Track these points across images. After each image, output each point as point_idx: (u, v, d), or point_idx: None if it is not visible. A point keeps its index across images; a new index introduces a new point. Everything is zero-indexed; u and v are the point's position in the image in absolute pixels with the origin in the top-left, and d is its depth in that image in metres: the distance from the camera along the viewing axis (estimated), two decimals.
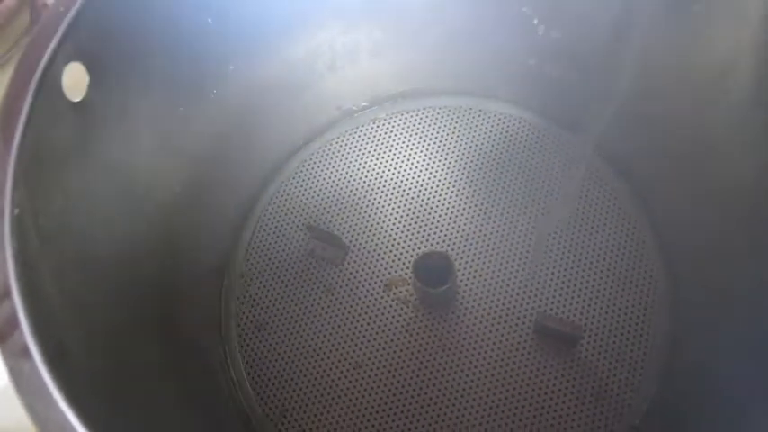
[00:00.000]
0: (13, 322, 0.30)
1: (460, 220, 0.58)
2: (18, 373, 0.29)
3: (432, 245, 0.57)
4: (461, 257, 0.57)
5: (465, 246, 0.57)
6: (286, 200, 0.61)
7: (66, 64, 0.37)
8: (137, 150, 0.44)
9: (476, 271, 0.56)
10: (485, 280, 0.56)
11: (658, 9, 0.46)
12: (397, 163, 0.61)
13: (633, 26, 0.47)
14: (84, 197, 0.39)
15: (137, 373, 0.40)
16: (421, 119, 0.63)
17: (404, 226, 0.59)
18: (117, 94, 0.41)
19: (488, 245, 0.57)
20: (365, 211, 0.60)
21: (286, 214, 0.61)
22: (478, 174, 0.60)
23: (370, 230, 0.59)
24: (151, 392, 0.41)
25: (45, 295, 0.32)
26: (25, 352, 0.29)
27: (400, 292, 0.57)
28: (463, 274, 0.56)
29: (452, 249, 0.57)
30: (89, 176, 0.40)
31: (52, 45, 0.36)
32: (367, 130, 0.63)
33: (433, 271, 0.52)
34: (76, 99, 0.38)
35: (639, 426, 0.50)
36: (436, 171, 0.60)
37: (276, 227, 0.61)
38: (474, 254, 0.57)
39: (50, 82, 0.36)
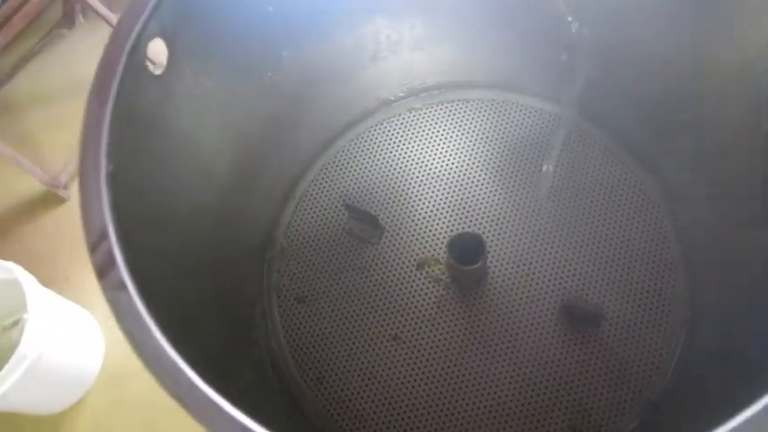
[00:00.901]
0: (110, 261, 0.34)
1: (492, 205, 0.62)
2: (117, 303, 0.33)
3: (463, 228, 0.61)
4: (492, 239, 0.60)
5: (496, 229, 0.61)
6: (327, 181, 0.65)
7: (150, 39, 0.41)
8: (203, 124, 0.48)
9: (505, 253, 0.59)
10: (514, 261, 0.59)
11: (687, 7, 0.49)
12: (432, 150, 0.65)
13: (665, 24, 0.50)
14: (161, 161, 0.43)
15: (199, 318, 0.44)
16: (456, 110, 0.67)
17: (437, 209, 0.62)
18: (190, 70, 0.45)
19: (518, 228, 0.60)
20: (401, 195, 0.63)
21: (326, 194, 0.65)
22: (510, 162, 0.63)
23: (405, 212, 0.62)
24: (211, 334, 0.45)
25: (133, 240, 0.36)
26: (122, 285, 0.33)
27: (432, 271, 0.60)
28: (493, 256, 0.59)
29: (483, 232, 0.60)
30: (165, 143, 0.43)
31: (141, 20, 0.40)
32: (404, 118, 0.67)
33: (466, 250, 0.55)
34: (157, 72, 0.42)
35: (659, 402, 0.53)
36: (469, 159, 0.64)
37: (316, 206, 0.64)
38: (504, 236, 0.60)
39: (137, 55, 0.40)
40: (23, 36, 0.88)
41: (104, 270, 0.33)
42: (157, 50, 0.42)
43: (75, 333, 0.62)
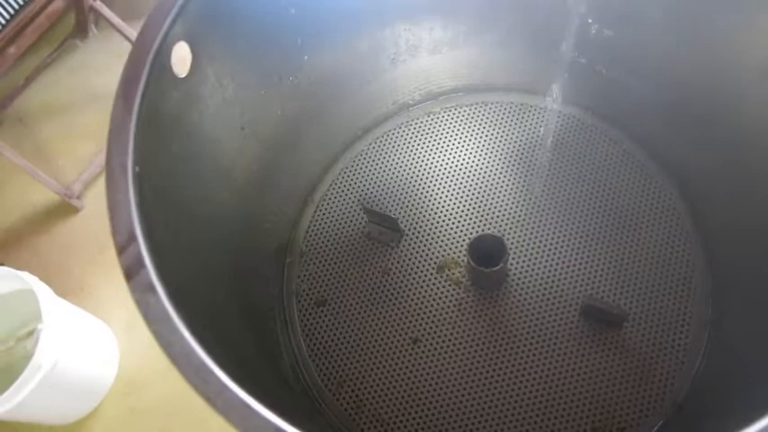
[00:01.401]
0: (139, 263, 0.34)
1: (511, 207, 0.61)
2: (145, 305, 0.33)
3: (482, 230, 0.61)
4: (511, 241, 0.60)
5: (515, 230, 0.60)
6: (345, 185, 0.65)
7: (175, 43, 0.41)
8: (224, 127, 0.48)
9: (525, 254, 0.59)
10: (534, 263, 0.59)
11: (708, 10, 0.49)
12: (450, 153, 0.65)
13: (687, 26, 0.50)
14: (184, 163, 0.43)
15: (226, 320, 0.44)
16: (474, 113, 0.67)
17: (456, 212, 0.62)
18: (213, 73, 0.45)
19: (538, 230, 0.60)
20: (420, 198, 0.63)
21: (345, 198, 0.65)
22: (528, 165, 0.63)
23: (424, 215, 0.62)
24: (234, 337, 0.45)
25: (159, 242, 0.36)
26: (151, 287, 0.33)
27: (452, 273, 0.60)
28: (513, 258, 0.59)
29: (503, 234, 0.60)
30: (187, 145, 0.44)
31: (166, 24, 0.40)
32: (422, 122, 0.67)
33: (487, 252, 0.55)
34: (182, 75, 0.42)
35: (683, 403, 0.52)
36: (488, 161, 0.64)
37: (335, 210, 0.64)
38: (524, 238, 0.60)
39: (162, 57, 0.40)
40: (37, 47, 0.89)
41: (133, 272, 0.33)
42: (182, 54, 0.42)
43: (89, 342, 0.62)
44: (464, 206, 0.62)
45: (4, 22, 0.75)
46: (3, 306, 0.62)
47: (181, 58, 0.42)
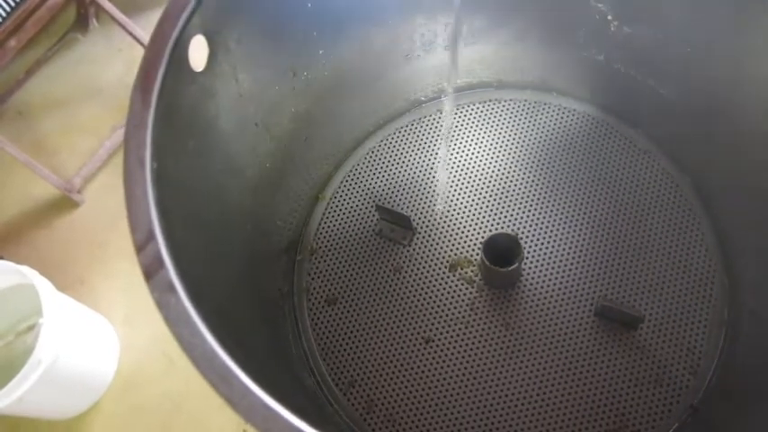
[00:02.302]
0: (158, 261, 0.33)
1: (524, 207, 0.61)
2: (166, 305, 0.32)
3: (496, 229, 0.60)
4: (525, 240, 0.59)
5: (529, 229, 0.60)
6: (357, 182, 0.64)
7: (192, 36, 0.40)
8: (239, 122, 0.48)
9: (539, 254, 0.59)
10: (548, 263, 0.58)
11: (729, 11, 0.49)
12: (463, 151, 0.64)
13: (706, 26, 0.49)
14: (199, 159, 0.43)
15: (241, 320, 0.43)
16: (487, 110, 0.66)
17: (469, 210, 0.61)
18: (229, 68, 0.45)
19: (552, 229, 0.59)
20: (432, 195, 0.62)
21: (356, 195, 0.64)
22: (543, 163, 0.62)
23: (436, 214, 0.62)
24: (251, 337, 0.44)
25: (178, 239, 0.35)
26: (171, 287, 0.32)
27: (465, 272, 0.59)
28: (526, 257, 0.58)
29: (516, 234, 0.60)
30: (203, 141, 0.43)
31: (183, 17, 0.39)
32: (434, 119, 0.66)
33: (501, 251, 0.55)
34: (199, 69, 0.41)
35: (698, 406, 0.52)
36: (501, 159, 0.63)
37: (347, 207, 0.64)
38: (538, 237, 0.59)
39: (180, 51, 0.39)
40: (37, 41, 0.88)
41: (152, 271, 0.32)
42: (198, 48, 0.41)
43: (89, 338, 0.61)
44: (477, 204, 0.61)
45: (4, 14, 0.73)
46: (2, 301, 0.61)
47: (198, 52, 0.41)
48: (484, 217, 0.61)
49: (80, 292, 0.69)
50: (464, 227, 0.61)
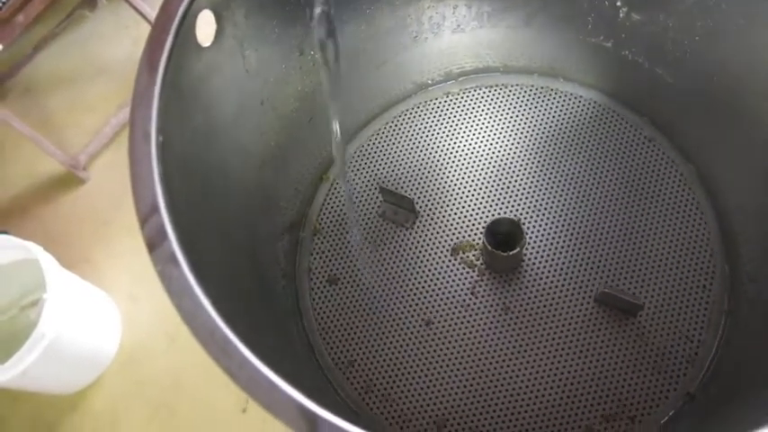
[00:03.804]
0: (161, 234, 0.33)
1: (528, 191, 0.61)
2: (168, 277, 0.32)
3: (499, 214, 0.60)
4: (528, 225, 0.59)
5: (531, 214, 0.60)
6: (361, 163, 0.64)
7: (200, 10, 0.40)
8: (245, 99, 0.48)
9: (541, 239, 0.59)
10: (549, 248, 0.58)
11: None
12: (468, 135, 0.64)
13: (715, 15, 0.49)
14: (204, 134, 0.43)
15: (243, 295, 0.44)
16: (493, 95, 0.66)
17: (472, 194, 0.61)
18: (236, 44, 0.45)
19: (555, 215, 0.59)
20: (435, 179, 0.62)
21: (360, 177, 0.64)
22: (548, 149, 0.62)
23: (439, 197, 0.62)
24: (253, 313, 0.44)
25: (181, 213, 0.35)
26: (173, 259, 0.32)
27: (467, 256, 0.59)
28: (528, 242, 0.58)
29: (518, 219, 0.60)
30: (208, 116, 0.43)
31: None
32: (440, 102, 0.66)
33: (504, 236, 0.55)
34: (206, 44, 0.41)
35: (695, 394, 0.52)
36: (506, 144, 0.63)
37: (351, 188, 0.64)
38: (540, 222, 0.59)
39: (187, 25, 0.39)
40: (45, 16, 0.88)
41: (155, 243, 0.33)
42: (206, 23, 0.41)
43: (93, 314, 0.62)
44: (481, 188, 0.61)
45: None
46: (6, 275, 0.61)
47: (205, 27, 0.41)
48: (487, 201, 0.61)
49: (84, 269, 0.70)
50: (467, 211, 0.61)
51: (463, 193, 0.61)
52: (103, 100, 0.83)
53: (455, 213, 0.61)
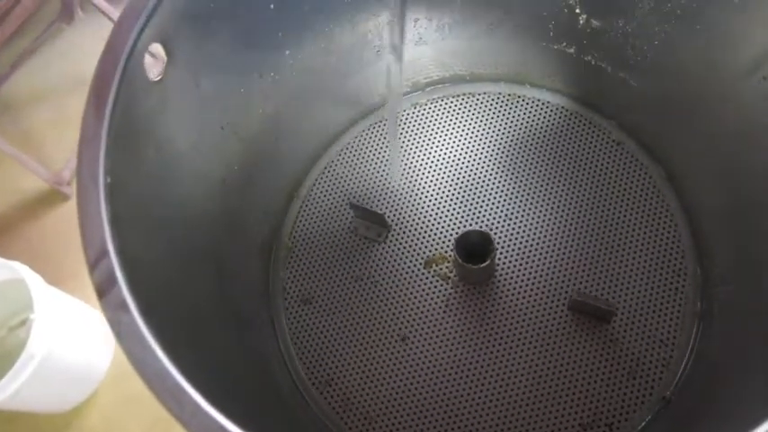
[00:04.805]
0: (111, 279, 0.33)
1: (499, 202, 0.61)
2: (117, 323, 0.32)
3: (470, 225, 0.60)
4: (500, 235, 0.59)
5: (503, 225, 0.60)
6: (330, 180, 0.64)
7: (148, 45, 0.40)
8: (203, 128, 0.47)
9: (513, 249, 0.59)
10: (522, 258, 0.58)
11: (698, 3, 0.48)
12: (437, 146, 0.64)
13: (675, 18, 0.49)
14: (160, 169, 0.42)
15: (209, 327, 0.43)
16: (461, 104, 0.65)
17: (443, 205, 0.61)
18: (190, 74, 0.44)
19: (526, 224, 0.59)
20: (406, 192, 0.62)
21: (330, 193, 0.64)
22: (516, 157, 0.62)
23: (410, 210, 0.61)
24: (217, 344, 0.44)
25: (133, 256, 0.35)
26: (123, 305, 0.32)
27: (440, 269, 0.59)
28: (501, 252, 0.58)
29: (491, 228, 0.60)
30: (164, 150, 0.43)
31: (138, 25, 0.38)
32: (408, 114, 0.66)
33: (474, 248, 0.55)
34: (156, 78, 0.41)
35: (671, 397, 0.52)
36: (475, 154, 0.63)
37: (321, 205, 0.63)
38: (512, 232, 0.59)
39: (134, 62, 0.39)
40: (22, 31, 0.87)
41: (105, 289, 0.32)
42: (155, 56, 0.41)
43: (82, 331, 0.61)
44: (451, 199, 0.61)
45: None
46: None
47: (154, 61, 0.41)
48: (458, 212, 0.61)
49: (73, 285, 0.69)
50: (438, 223, 0.61)
51: (434, 204, 0.61)
52: None
53: (426, 226, 0.61)
